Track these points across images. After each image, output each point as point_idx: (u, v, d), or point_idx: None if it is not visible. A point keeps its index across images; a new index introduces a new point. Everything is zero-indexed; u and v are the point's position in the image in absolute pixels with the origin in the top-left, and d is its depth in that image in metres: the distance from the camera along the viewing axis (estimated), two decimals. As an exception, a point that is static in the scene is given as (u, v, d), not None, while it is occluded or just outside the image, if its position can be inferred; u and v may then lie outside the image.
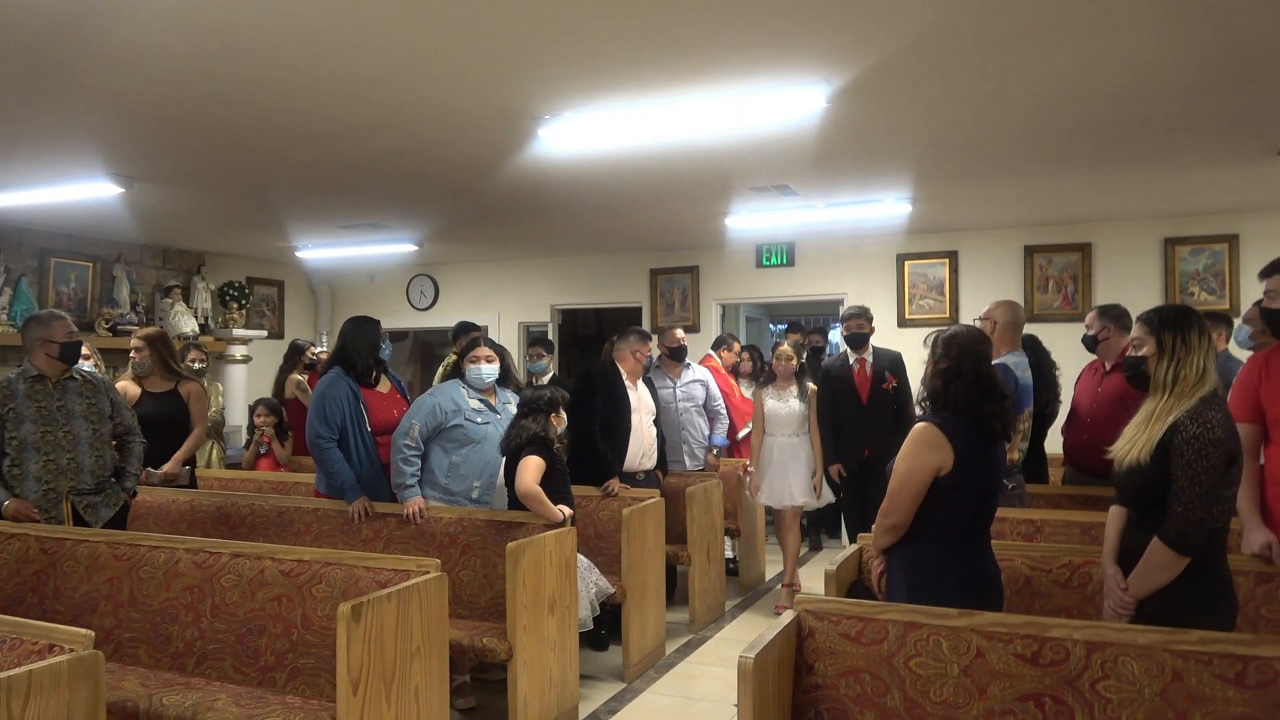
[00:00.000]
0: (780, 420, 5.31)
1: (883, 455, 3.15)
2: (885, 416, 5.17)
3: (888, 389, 5.22)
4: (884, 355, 5.36)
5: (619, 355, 4.97)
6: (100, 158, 4.51)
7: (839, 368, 5.36)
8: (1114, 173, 5.03)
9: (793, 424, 5.29)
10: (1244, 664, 1.99)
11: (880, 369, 5.26)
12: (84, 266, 6.85)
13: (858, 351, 5.33)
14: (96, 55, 3.09)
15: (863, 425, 5.19)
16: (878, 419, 5.16)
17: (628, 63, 3.20)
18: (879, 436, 4.97)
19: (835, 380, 5.32)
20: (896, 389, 5.21)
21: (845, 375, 5.30)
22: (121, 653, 3.34)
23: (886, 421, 5.11)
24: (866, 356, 5.32)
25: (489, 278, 8.63)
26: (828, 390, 5.30)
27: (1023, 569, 2.95)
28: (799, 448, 5.29)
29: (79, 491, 3.86)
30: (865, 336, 5.32)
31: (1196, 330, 2.44)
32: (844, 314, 5.46)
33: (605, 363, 5.04)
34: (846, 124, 3.94)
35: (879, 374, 5.24)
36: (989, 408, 2.56)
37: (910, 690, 2.24)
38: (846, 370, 5.32)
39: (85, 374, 4.04)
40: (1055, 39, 3.01)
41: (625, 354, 4.95)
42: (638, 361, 4.97)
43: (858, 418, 5.22)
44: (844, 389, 5.28)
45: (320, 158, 4.53)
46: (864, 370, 5.29)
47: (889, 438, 4.10)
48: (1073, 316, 6.48)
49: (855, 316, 5.34)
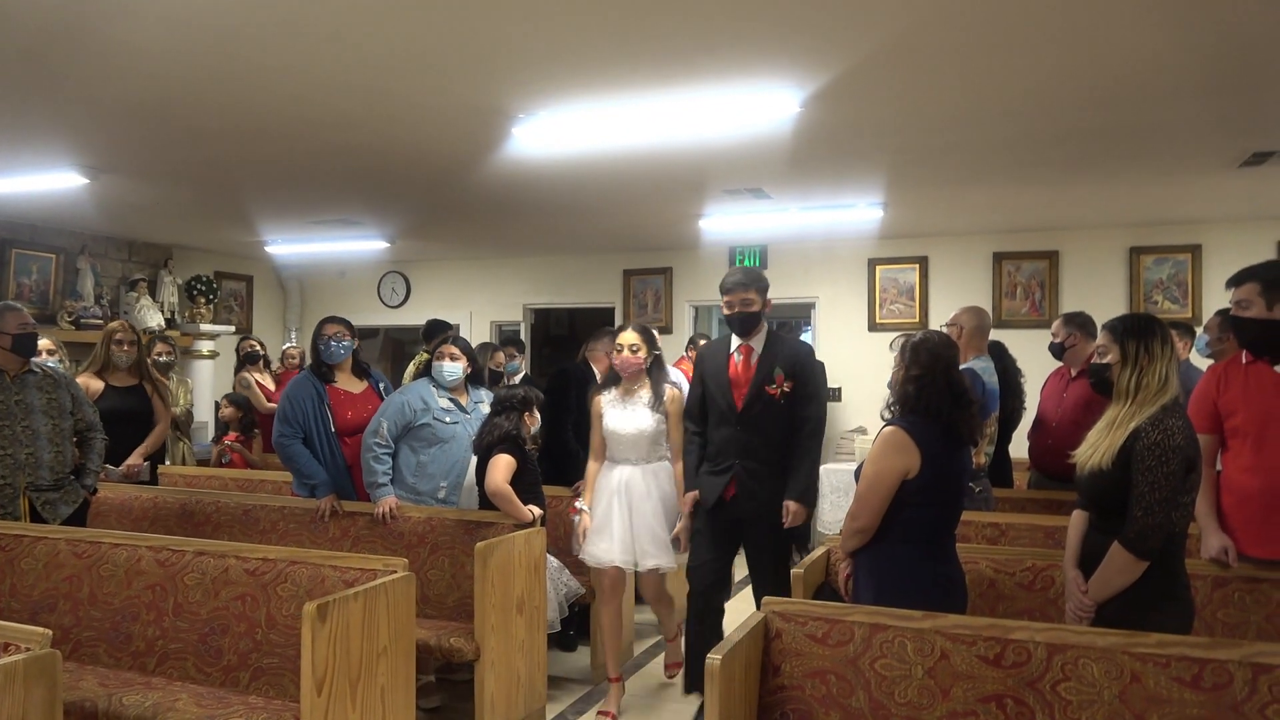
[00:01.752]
0: (624, 441, 3.82)
1: (750, 495, 2.36)
2: (765, 432, 3.52)
3: (775, 394, 3.51)
4: (784, 345, 3.63)
5: (592, 355, 4.96)
6: (65, 148, 4.43)
7: (713, 356, 3.73)
8: (1081, 182, 5.11)
9: (640, 446, 3.82)
10: (1200, 666, 2.03)
11: (769, 364, 3.54)
12: (46, 258, 6.72)
13: (742, 337, 3.64)
14: (62, 45, 3.03)
15: (731, 443, 3.54)
16: (750, 437, 3.52)
17: (603, 63, 3.20)
18: (748, 460, 3.50)
19: (707, 375, 3.69)
20: (789, 395, 3.51)
21: (719, 368, 3.65)
22: (80, 652, 3.28)
23: (764, 441, 3.51)
24: (753, 345, 3.62)
25: (461, 276, 8.59)
26: (698, 389, 3.73)
27: (987, 572, 2.99)
28: (651, 480, 3.82)
29: (37, 488, 3.79)
30: (752, 317, 3.58)
31: (1159, 339, 2.49)
32: (726, 281, 3.62)
33: (579, 362, 5.03)
34: (819, 128, 3.96)
35: (766, 371, 3.54)
36: (957, 413, 2.60)
37: (875, 691, 2.26)
38: (723, 361, 3.66)
39: (45, 368, 3.97)
40: (1025, 48, 3.05)
41: (599, 354, 4.94)
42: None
43: (727, 430, 3.57)
44: (717, 387, 3.63)
45: (290, 152, 4.48)
46: (746, 362, 3.60)
47: (763, 468, 3.43)
48: (1040, 323, 6.57)
49: (740, 286, 3.57)
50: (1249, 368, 2.86)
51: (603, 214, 6.11)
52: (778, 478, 3.48)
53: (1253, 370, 2.84)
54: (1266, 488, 2.74)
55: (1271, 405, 2.77)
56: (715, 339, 4.08)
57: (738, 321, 3.58)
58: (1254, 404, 2.80)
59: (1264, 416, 2.77)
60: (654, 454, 3.86)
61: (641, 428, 3.78)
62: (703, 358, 3.76)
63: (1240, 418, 2.82)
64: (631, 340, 3.80)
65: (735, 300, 3.54)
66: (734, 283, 3.54)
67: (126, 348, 4.72)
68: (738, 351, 3.61)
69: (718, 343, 3.79)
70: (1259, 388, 2.80)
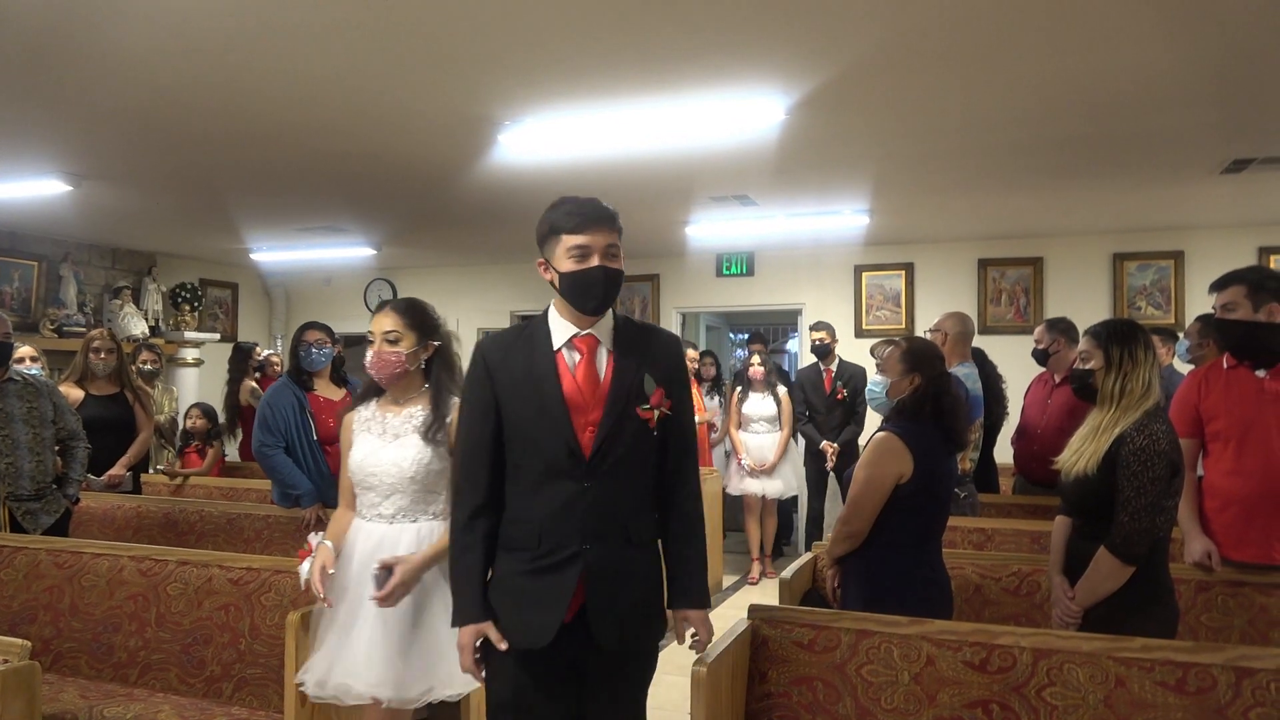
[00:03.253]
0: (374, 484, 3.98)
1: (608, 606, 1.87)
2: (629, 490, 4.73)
3: (649, 418, 4.98)
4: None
5: None
6: (48, 155, 4.40)
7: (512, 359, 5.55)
8: (1066, 189, 5.14)
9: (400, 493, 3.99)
10: (1184, 671, 2.04)
11: (633, 369, 5.19)
12: (28, 265, 6.66)
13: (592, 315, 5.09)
14: (46, 51, 3.02)
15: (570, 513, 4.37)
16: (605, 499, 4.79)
17: (589, 70, 3.21)
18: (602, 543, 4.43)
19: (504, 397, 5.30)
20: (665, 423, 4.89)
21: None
22: (61, 663, 3.24)
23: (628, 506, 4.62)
24: (598, 334, 5.11)
25: (448, 283, 8.57)
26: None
27: (973, 577, 3.00)
28: None
29: (17, 498, 3.75)
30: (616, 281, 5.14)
31: (1142, 345, 2.50)
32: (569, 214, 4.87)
33: None
34: (805, 136, 3.98)
35: (631, 380, 5.16)
36: (945, 418, 2.61)
37: (862, 698, 2.26)
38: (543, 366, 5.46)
39: (26, 376, 3.93)
40: (1009, 58, 3.07)
41: None
42: None
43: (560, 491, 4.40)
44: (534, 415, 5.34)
45: (276, 159, 4.46)
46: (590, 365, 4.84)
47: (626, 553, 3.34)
48: (1024, 329, 6.60)
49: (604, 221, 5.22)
50: (1230, 372, 2.88)
51: (589, 221, 6.11)
52: (650, 567, 2.16)
53: (1234, 375, 2.87)
54: (1248, 492, 2.77)
55: (1253, 410, 2.80)
56: (506, 330, 2.26)
57: (599, 286, 2.04)
58: (1235, 409, 2.82)
59: (1245, 421, 2.79)
60: (422, 506, 2.57)
61: (402, 463, 2.51)
62: (487, 366, 2.09)
63: (1222, 422, 2.84)
64: (388, 326, 2.54)
65: (596, 246, 2.03)
66: (592, 215, 2.05)
67: (104, 356, 4.68)
68: (569, 347, 2.11)
69: (515, 336, 2.15)
70: (1240, 392, 2.82)
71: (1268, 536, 2.76)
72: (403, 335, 2.56)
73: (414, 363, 2.58)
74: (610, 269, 2.05)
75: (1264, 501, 2.74)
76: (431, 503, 2.57)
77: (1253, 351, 2.82)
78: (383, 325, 2.56)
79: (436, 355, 2.63)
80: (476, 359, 2.11)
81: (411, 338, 2.57)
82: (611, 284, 2.06)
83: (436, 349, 2.63)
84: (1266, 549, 2.76)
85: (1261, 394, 2.80)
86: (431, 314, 2.65)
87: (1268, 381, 2.80)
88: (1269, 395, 2.78)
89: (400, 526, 2.54)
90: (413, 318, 2.58)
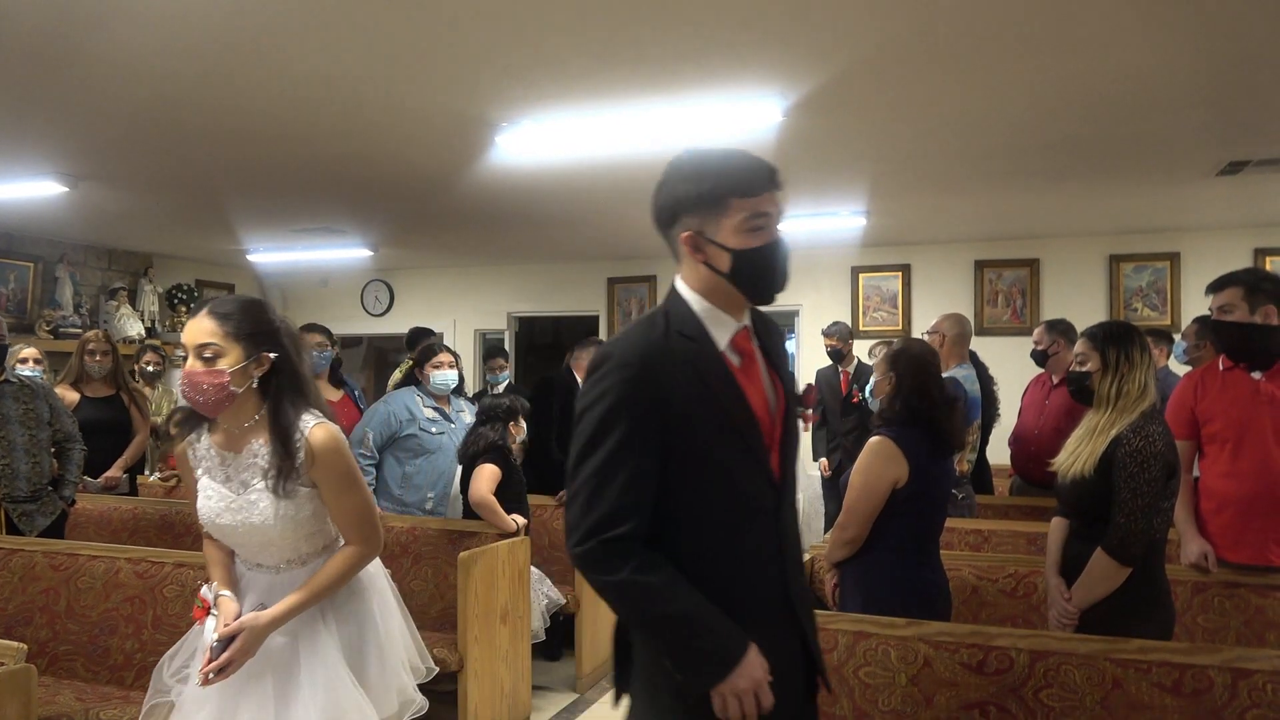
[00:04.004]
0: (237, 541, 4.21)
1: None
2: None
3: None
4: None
5: (578, 364, 4.96)
6: (44, 156, 4.39)
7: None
8: (1062, 191, 5.15)
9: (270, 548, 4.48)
10: (1180, 672, 2.04)
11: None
12: (24, 267, 6.65)
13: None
14: (42, 53, 3.01)
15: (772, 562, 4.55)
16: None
17: (586, 72, 3.21)
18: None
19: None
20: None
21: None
22: (57, 666, 3.23)
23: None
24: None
25: (445, 284, 8.56)
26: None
27: (970, 578, 3.00)
28: None
29: (13, 499, 3.74)
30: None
31: (1138, 346, 2.51)
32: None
33: (564, 371, 5.02)
34: (802, 137, 3.98)
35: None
36: (940, 420, 2.61)
37: (859, 699, 2.26)
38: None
39: (23, 378, 3.92)
40: (1006, 60, 3.07)
41: (583, 363, 4.93)
42: None
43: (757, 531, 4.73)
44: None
45: (272, 160, 4.45)
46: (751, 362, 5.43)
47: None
48: (1021, 330, 6.61)
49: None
50: (1226, 374, 2.89)
51: (587, 222, 6.11)
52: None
53: (1230, 377, 2.87)
54: (1244, 493, 2.77)
55: (1249, 412, 2.80)
56: (637, 327, 1.60)
57: (785, 266, 1.63)
58: (1232, 410, 2.83)
59: (1242, 423, 2.80)
60: (310, 547, 2.08)
61: (260, 524, 1.99)
62: (658, 387, 1.51)
63: (1218, 424, 2.85)
64: (202, 338, 1.95)
65: (776, 213, 1.61)
66: (769, 172, 1.60)
67: (100, 358, 4.67)
68: (731, 349, 1.61)
69: (661, 335, 1.56)
70: (1237, 394, 2.83)
71: (1264, 538, 2.76)
72: (224, 350, 1.93)
73: (241, 383, 1.94)
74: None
75: (1260, 503, 2.75)
76: (322, 540, 2.07)
77: (1249, 353, 2.82)
78: (195, 337, 1.94)
79: (275, 371, 1.98)
80: (637, 378, 1.48)
81: (236, 351, 1.94)
82: (785, 263, 1.61)
83: (274, 362, 1.97)
84: (1262, 550, 2.77)
85: (1257, 396, 2.80)
86: (264, 314, 2.01)
87: (1264, 383, 2.81)
88: (1265, 397, 2.79)
89: (291, 574, 2.05)
90: (238, 324, 1.95)
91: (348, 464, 2.01)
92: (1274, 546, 2.77)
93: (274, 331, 2.00)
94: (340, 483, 2.00)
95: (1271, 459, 2.75)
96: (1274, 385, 2.79)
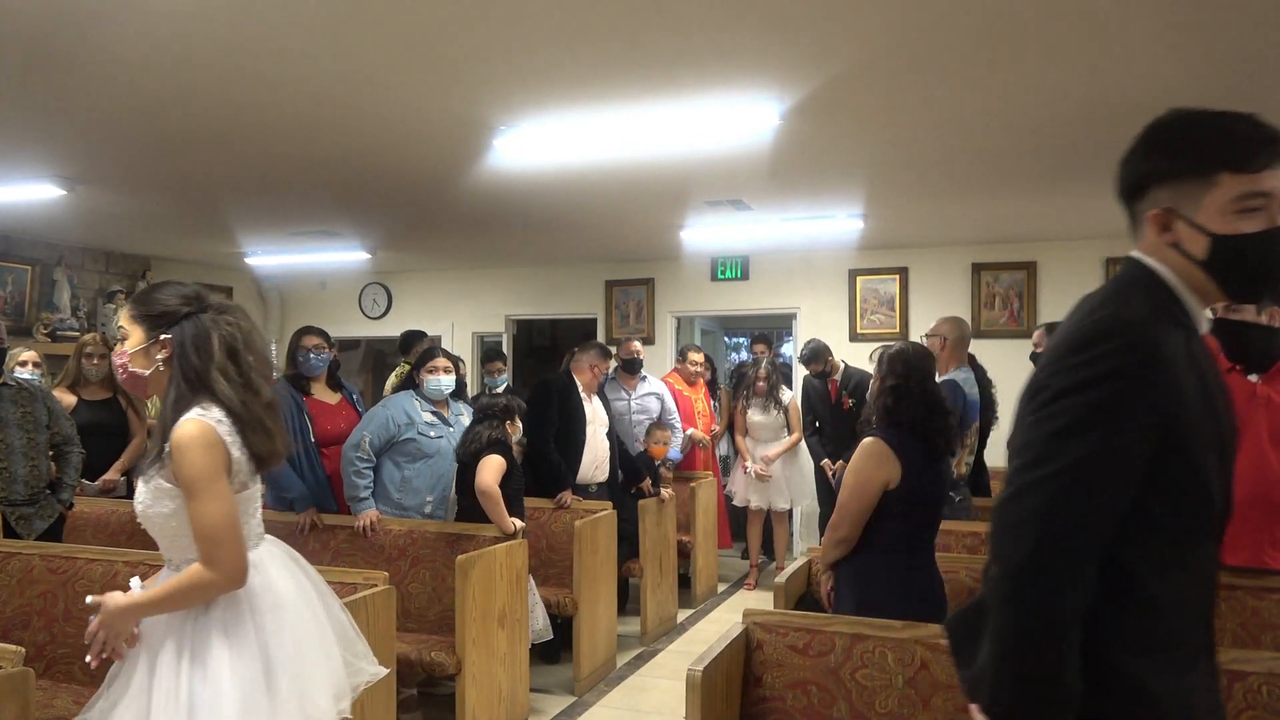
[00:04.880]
0: None
1: None
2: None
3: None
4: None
5: (576, 367, 4.96)
6: (42, 159, 4.39)
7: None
8: (1059, 195, 5.16)
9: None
10: (1176, 674, 2.05)
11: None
12: (22, 270, 6.65)
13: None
14: (40, 55, 3.01)
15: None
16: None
17: (584, 75, 3.21)
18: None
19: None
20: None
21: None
22: (55, 670, 3.23)
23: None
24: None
25: (443, 287, 8.56)
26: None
27: (967, 581, 3.00)
28: None
29: (11, 502, 3.74)
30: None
31: None
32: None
33: (562, 374, 5.03)
34: (799, 141, 3.99)
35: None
36: (934, 423, 2.62)
37: (856, 702, 2.26)
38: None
39: (20, 381, 3.93)
40: (1003, 64, 3.09)
41: (583, 367, 4.94)
42: (595, 376, 4.96)
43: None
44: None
45: (271, 163, 4.46)
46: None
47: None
48: (1018, 333, 6.63)
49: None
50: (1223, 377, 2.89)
51: (584, 225, 6.12)
52: None
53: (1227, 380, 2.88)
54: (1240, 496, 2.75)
55: (1245, 414, 2.80)
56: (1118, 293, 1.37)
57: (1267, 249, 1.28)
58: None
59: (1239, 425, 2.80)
60: (177, 561, 1.99)
61: (137, 506, 1.98)
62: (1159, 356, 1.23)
63: (1214, 427, 2.85)
64: (120, 321, 2.05)
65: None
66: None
67: (97, 361, 4.67)
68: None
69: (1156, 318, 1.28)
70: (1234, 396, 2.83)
71: (1259, 541, 2.77)
72: (129, 332, 1.96)
73: (142, 365, 1.95)
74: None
75: (1255, 506, 2.76)
76: (186, 550, 1.92)
77: (1244, 353, 2.83)
78: (118, 320, 2.00)
79: (175, 354, 1.92)
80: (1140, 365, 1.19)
81: (138, 333, 1.95)
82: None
83: (173, 346, 1.92)
84: (1258, 553, 2.77)
85: (1254, 399, 2.81)
86: (168, 297, 1.96)
87: (1260, 386, 2.81)
88: (1261, 400, 2.80)
89: None
90: (140, 307, 1.97)
91: (200, 468, 1.82)
92: (1269, 549, 2.78)
93: (173, 314, 1.93)
94: (188, 486, 1.84)
95: (1267, 462, 2.75)
96: (1271, 388, 2.80)
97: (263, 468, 2.00)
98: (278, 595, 1.98)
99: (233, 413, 1.89)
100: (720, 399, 6.85)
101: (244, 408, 1.91)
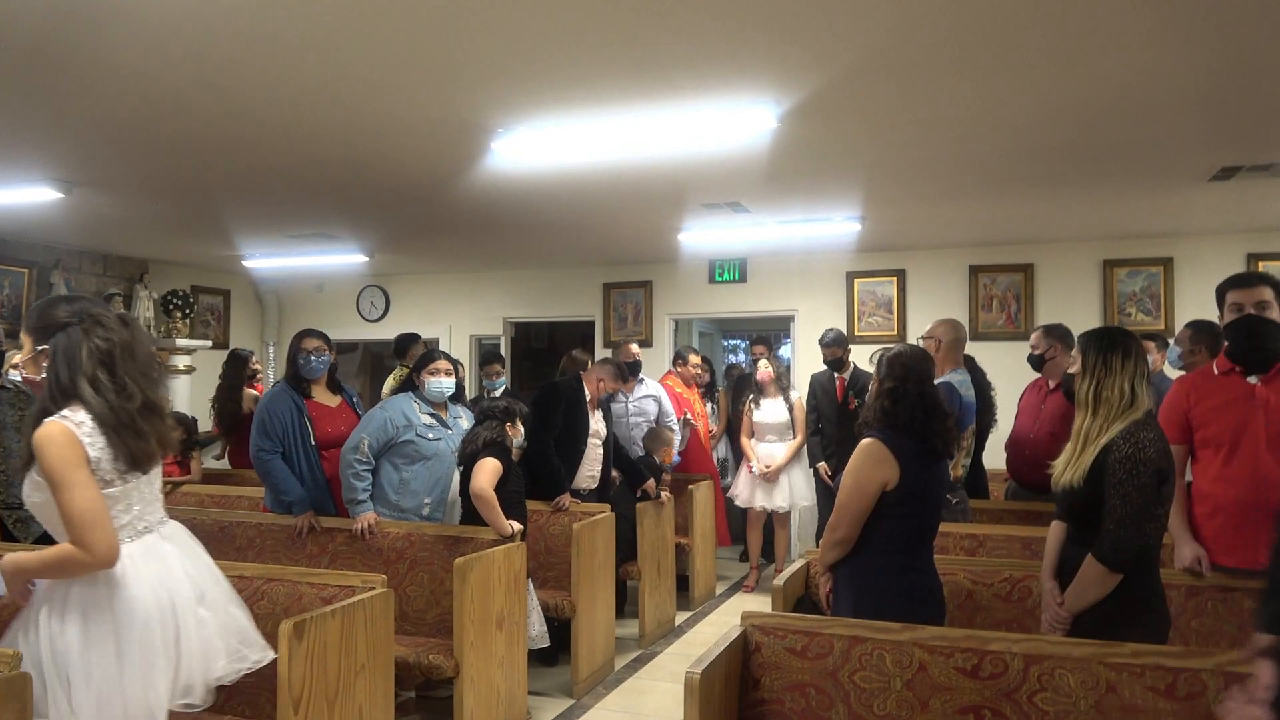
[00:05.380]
0: None
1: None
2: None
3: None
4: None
5: (588, 377, 4.97)
6: (39, 162, 4.39)
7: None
8: (1056, 197, 5.17)
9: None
10: (1174, 676, 2.05)
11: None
12: (19, 273, 6.64)
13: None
14: (37, 59, 3.01)
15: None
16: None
17: (582, 78, 3.22)
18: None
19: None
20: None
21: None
22: (52, 673, 3.22)
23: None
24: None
25: (441, 290, 8.56)
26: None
27: (965, 583, 3.01)
28: None
29: (9, 505, 3.73)
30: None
31: (1120, 353, 2.49)
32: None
33: (572, 379, 5.02)
34: (796, 143, 4.00)
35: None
36: (931, 425, 2.62)
37: (854, 704, 2.26)
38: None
39: (17, 384, 3.91)
40: (1000, 66, 3.09)
41: (593, 379, 4.95)
42: (600, 390, 4.97)
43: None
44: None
45: (268, 166, 4.46)
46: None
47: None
48: (1015, 335, 6.64)
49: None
50: (1221, 378, 2.90)
51: (582, 227, 6.12)
52: None
53: (1225, 381, 2.88)
54: (1238, 498, 2.78)
55: (1243, 415, 2.81)
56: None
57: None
58: (1226, 415, 2.84)
59: (1236, 427, 2.81)
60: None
61: None
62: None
63: (1212, 429, 2.86)
64: None
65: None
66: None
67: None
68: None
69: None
70: (1231, 398, 2.84)
71: (1256, 542, 2.77)
72: (23, 342, 2.19)
73: (33, 372, 2.18)
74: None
75: (1252, 508, 2.76)
76: None
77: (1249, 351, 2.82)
78: None
79: (49, 363, 2.13)
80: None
81: (29, 343, 2.17)
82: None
83: (50, 356, 2.12)
84: (1255, 555, 2.77)
85: (1252, 400, 2.82)
86: (49, 310, 2.17)
87: (1259, 388, 2.82)
88: (1259, 401, 2.81)
89: None
90: (31, 319, 2.19)
91: (56, 462, 2.04)
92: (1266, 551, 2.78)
93: (51, 326, 2.13)
94: (49, 480, 2.06)
95: (1264, 463, 2.76)
96: (1270, 390, 2.81)
97: (139, 466, 2.16)
98: (137, 590, 2.15)
99: (98, 417, 2.07)
100: (719, 401, 6.85)
101: (112, 412, 2.09)
